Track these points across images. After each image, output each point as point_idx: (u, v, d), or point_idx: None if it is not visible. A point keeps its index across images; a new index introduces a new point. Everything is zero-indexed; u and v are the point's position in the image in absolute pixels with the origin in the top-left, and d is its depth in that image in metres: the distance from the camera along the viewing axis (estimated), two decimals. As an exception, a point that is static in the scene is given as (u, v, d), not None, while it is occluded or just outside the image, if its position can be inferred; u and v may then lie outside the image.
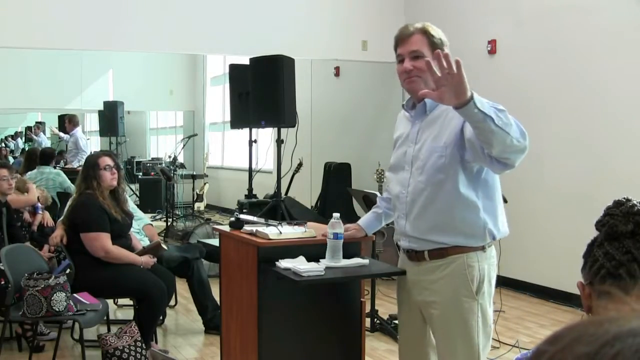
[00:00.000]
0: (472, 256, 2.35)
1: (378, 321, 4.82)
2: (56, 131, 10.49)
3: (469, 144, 2.21)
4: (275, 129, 5.71)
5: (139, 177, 11.05)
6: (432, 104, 2.36)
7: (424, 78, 2.30)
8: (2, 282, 3.93)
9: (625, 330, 0.50)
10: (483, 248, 2.37)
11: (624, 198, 1.19)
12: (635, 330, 0.50)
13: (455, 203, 2.30)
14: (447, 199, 2.31)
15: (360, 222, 2.81)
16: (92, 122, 12.10)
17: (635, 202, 1.17)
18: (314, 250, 2.88)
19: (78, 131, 9.24)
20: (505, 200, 2.57)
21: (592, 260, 1.14)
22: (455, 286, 2.35)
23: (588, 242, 1.18)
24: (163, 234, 8.32)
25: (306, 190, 7.78)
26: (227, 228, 3.24)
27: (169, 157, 10.60)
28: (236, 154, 11.29)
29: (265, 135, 8.10)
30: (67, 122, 9.18)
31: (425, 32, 2.36)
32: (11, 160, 10.45)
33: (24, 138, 12.39)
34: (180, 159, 10.23)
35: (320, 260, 2.82)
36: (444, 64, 1.96)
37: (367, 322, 4.58)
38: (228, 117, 6.59)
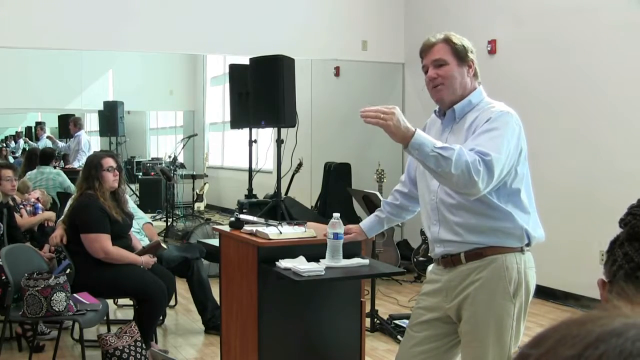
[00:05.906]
0: (510, 258, 2.28)
1: (378, 321, 4.82)
2: (53, 138, 10.45)
3: None
4: (275, 129, 5.71)
5: (139, 177, 11.03)
6: (461, 111, 2.35)
7: (448, 85, 2.33)
8: (3, 277, 3.93)
9: (609, 330, 0.50)
10: (521, 250, 2.31)
11: None
12: (619, 330, 0.50)
13: (486, 208, 2.26)
14: (477, 204, 2.26)
15: (362, 224, 2.79)
16: (92, 122, 12.07)
17: None
18: (314, 250, 2.88)
19: (82, 133, 9.24)
20: None
21: (612, 260, 1.11)
22: (493, 286, 2.28)
23: (611, 239, 1.15)
24: (163, 234, 8.32)
25: (306, 190, 7.77)
26: (227, 228, 3.24)
27: (169, 157, 10.58)
28: (236, 154, 11.28)
29: (265, 135, 8.10)
30: (72, 125, 9.18)
31: (447, 41, 2.37)
32: (11, 160, 10.43)
33: (24, 138, 12.37)
34: (180, 159, 10.21)
35: (320, 260, 2.82)
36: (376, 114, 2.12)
37: (367, 322, 4.58)
38: (228, 117, 6.58)
